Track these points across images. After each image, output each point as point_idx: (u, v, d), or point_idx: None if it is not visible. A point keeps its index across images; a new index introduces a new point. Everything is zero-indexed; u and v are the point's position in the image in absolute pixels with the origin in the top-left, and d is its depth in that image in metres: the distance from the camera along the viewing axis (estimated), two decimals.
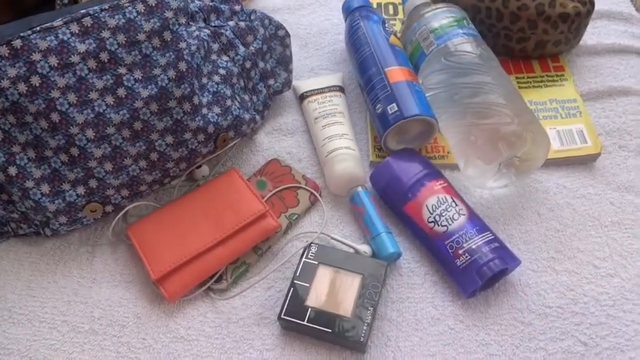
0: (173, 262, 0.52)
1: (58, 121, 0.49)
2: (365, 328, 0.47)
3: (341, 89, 0.66)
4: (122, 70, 0.50)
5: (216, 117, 0.56)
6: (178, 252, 0.53)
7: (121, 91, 0.50)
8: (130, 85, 0.50)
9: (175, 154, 0.55)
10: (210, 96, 0.56)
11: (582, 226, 0.56)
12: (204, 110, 0.55)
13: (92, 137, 0.50)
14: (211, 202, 0.56)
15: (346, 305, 0.48)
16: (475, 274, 0.49)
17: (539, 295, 0.51)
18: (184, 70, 0.52)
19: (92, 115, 0.49)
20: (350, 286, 0.50)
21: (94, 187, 0.53)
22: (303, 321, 0.48)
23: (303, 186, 0.59)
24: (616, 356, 0.48)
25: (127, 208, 0.56)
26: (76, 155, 0.50)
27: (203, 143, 0.56)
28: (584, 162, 0.61)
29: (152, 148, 0.54)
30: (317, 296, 0.49)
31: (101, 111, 0.50)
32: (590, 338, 0.49)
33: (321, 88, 0.66)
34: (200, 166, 0.60)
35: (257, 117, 0.63)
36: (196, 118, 0.54)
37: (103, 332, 0.51)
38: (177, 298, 0.52)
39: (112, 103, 0.50)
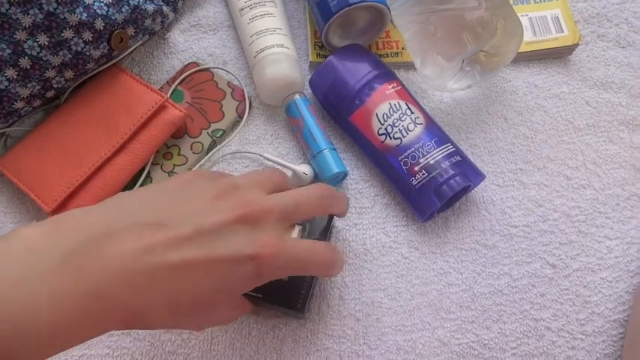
0: (67, 185, 0.42)
1: None
2: (303, 293, 0.38)
3: None
4: None
5: (105, 8, 0.43)
6: (70, 173, 0.43)
7: None
8: None
9: (55, 58, 0.43)
10: None
11: (554, 132, 0.49)
12: None
13: None
14: (96, 107, 0.45)
15: None
16: (433, 194, 0.42)
17: (505, 213, 0.45)
18: None
19: None
20: None
21: None
22: None
23: (229, 95, 0.49)
24: (586, 277, 0.43)
25: None
26: None
27: (92, 44, 0.44)
28: (558, 55, 0.52)
29: (21, 52, 0.41)
30: None
31: None
32: (559, 259, 0.43)
33: None
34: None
35: (165, 9, 0.50)
36: (77, 10, 0.41)
37: None
38: None
39: None
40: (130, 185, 0.45)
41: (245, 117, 0.48)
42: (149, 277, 0.27)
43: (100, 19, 0.43)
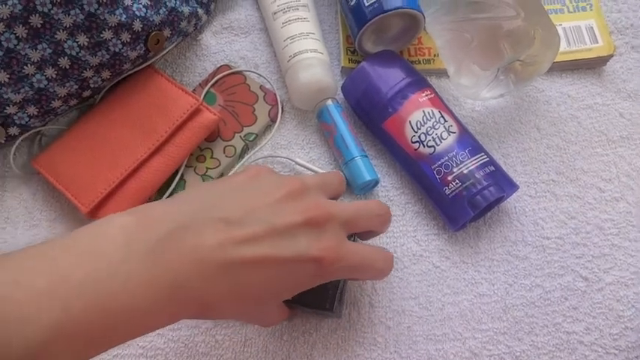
0: (104, 187, 0.43)
1: None
2: (330, 293, 0.37)
3: None
4: None
5: (144, 9, 0.44)
6: (107, 174, 0.43)
7: None
8: None
9: (93, 59, 0.43)
10: None
11: (587, 143, 0.48)
12: (127, 0, 0.43)
13: None
14: (132, 109, 0.45)
15: None
16: (467, 203, 0.42)
17: (537, 224, 0.45)
18: None
19: None
20: None
21: None
22: None
23: (261, 99, 0.49)
24: (619, 291, 0.42)
25: (30, 132, 0.44)
26: None
27: (129, 45, 0.44)
28: (592, 66, 0.52)
29: (61, 52, 0.41)
30: None
31: None
32: (592, 272, 0.43)
33: None
34: None
35: (200, 11, 0.50)
36: (116, 11, 0.42)
37: None
38: None
39: None
40: (163, 188, 0.45)
41: (278, 121, 0.48)
42: (222, 270, 0.28)
43: (138, 20, 0.43)
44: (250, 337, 0.40)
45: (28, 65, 0.41)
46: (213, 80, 0.49)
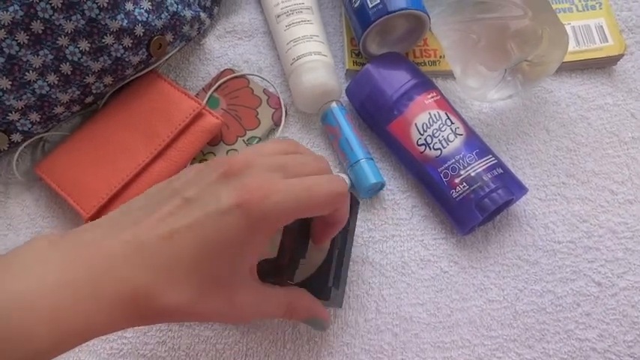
0: (105, 192, 0.42)
1: None
2: (325, 278, 0.36)
3: None
4: None
5: (145, 14, 0.43)
6: (108, 179, 0.43)
7: None
8: None
9: (95, 64, 0.43)
10: None
11: (598, 144, 0.47)
12: (129, 5, 0.42)
13: None
14: (134, 113, 0.45)
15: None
16: (475, 207, 0.41)
17: (547, 228, 0.43)
18: None
19: None
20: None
21: None
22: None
23: (264, 102, 0.48)
24: (634, 297, 0.41)
25: (32, 138, 0.44)
26: None
27: (131, 50, 0.44)
28: (602, 66, 0.50)
29: (62, 58, 0.41)
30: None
31: None
32: (605, 277, 0.42)
33: None
34: None
35: (202, 15, 0.50)
36: (118, 16, 0.41)
37: None
38: None
39: None
40: None
41: (282, 125, 0.48)
42: (141, 253, 0.26)
43: (140, 25, 0.43)
44: (252, 346, 0.39)
45: (30, 71, 0.40)
46: (217, 84, 0.49)
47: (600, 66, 0.50)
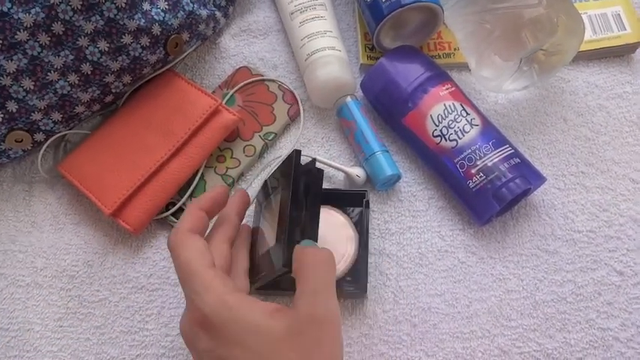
0: (125, 188, 0.43)
1: None
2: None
3: None
4: None
5: (162, 14, 0.44)
6: (128, 176, 0.44)
7: None
8: None
9: (114, 64, 0.44)
10: None
11: (618, 133, 0.46)
12: (146, 5, 0.43)
13: None
14: (152, 111, 0.46)
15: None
16: (492, 197, 0.40)
17: (567, 217, 0.43)
18: None
19: None
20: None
21: (14, 110, 0.42)
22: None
23: (280, 98, 0.49)
24: None
25: (55, 137, 0.45)
26: None
27: (149, 49, 0.45)
28: (620, 54, 0.50)
29: (82, 58, 0.42)
30: None
31: (5, 10, 0.38)
32: (626, 266, 0.41)
33: None
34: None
35: (218, 14, 0.50)
36: (135, 16, 0.42)
37: (48, 285, 0.43)
38: (142, 229, 0.43)
39: None
40: (184, 188, 0.45)
41: (302, 120, 0.48)
42: None
43: (157, 24, 0.44)
44: None
45: (52, 72, 0.41)
46: (238, 86, 0.49)
47: (618, 54, 0.50)
